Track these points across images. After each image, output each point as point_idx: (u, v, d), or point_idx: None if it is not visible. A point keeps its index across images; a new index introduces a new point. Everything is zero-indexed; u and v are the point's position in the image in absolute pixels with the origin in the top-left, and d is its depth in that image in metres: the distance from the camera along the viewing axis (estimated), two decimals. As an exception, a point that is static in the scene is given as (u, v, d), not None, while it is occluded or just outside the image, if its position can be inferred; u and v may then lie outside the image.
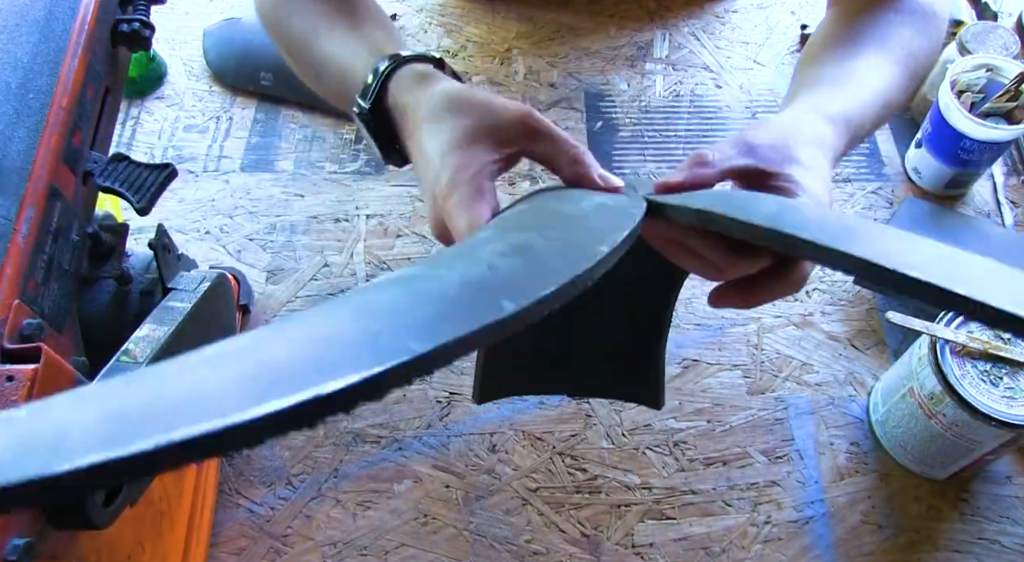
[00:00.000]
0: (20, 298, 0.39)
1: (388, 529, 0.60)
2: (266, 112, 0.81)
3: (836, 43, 0.50)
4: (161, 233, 0.50)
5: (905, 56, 0.49)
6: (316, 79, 0.52)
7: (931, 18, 0.51)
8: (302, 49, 0.51)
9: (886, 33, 0.50)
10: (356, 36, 0.49)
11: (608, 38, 0.87)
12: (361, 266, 0.71)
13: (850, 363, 0.67)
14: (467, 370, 0.66)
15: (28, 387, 0.36)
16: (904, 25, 0.50)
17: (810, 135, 0.41)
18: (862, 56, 0.48)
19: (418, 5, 0.89)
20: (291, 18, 0.52)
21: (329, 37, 0.49)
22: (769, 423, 0.64)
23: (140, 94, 0.82)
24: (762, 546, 0.59)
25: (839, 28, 0.51)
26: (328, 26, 0.50)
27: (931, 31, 0.51)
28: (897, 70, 0.48)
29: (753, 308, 0.40)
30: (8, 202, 0.40)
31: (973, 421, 0.53)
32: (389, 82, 0.44)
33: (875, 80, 0.47)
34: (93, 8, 0.48)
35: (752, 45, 0.87)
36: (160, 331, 0.44)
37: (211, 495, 0.59)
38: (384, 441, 0.63)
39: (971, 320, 0.54)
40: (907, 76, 0.49)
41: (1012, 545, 0.59)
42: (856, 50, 0.49)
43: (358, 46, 0.48)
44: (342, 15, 0.50)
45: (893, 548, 0.59)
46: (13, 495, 0.14)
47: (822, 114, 0.43)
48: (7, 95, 0.43)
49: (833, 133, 0.42)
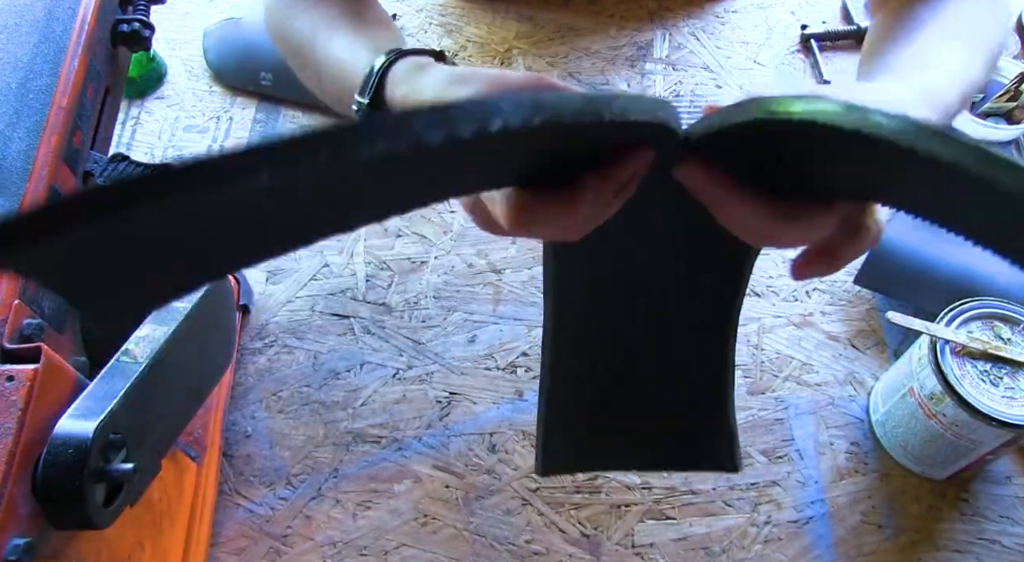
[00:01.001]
0: (20, 298, 0.39)
1: (388, 529, 0.60)
2: (266, 112, 0.81)
3: (903, 31, 0.46)
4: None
5: (980, 36, 0.46)
6: (318, 83, 0.51)
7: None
8: (303, 53, 0.51)
9: (954, 17, 0.46)
10: (357, 37, 0.48)
11: (608, 38, 0.87)
12: (361, 266, 0.71)
13: (850, 363, 0.67)
14: (467, 370, 0.66)
15: (28, 387, 0.36)
16: (969, 6, 0.47)
17: (903, 104, 0.37)
18: (937, 39, 0.45)
19: (418, 5, 0.89)
20: (293, 23, 0.51)
21: (330, 40, 0.49)
22: (769, 423, 0.64)
23: (140, 94, 0.82)
24: (762, 546, 0.59)
25: (898, 20, 0.48)
26: (329, 29, 0.49)
27: (998, 11, 0.48)
28: (974, 50, 0.45)
29: (838, 271, 0.36)
30: (8, 202, 0.40)
31: (973, 421, 0.53)
32: (387, 77, 0.43)
33: (957, 61, 0.43)
34: (93, 8, 0.48)
35: (752, 45, 0.87)
36: (160, 331, 0.44)
37: (211, 495, 0.59)
38: (384, 441, 0.63)
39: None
40: (986, 56, 0.45)
41: (1012, 545, 0.59)
42: (928, 35, 0.45)
43: (359, 46, 0.47)
44: (345, 18, 0.50)
45: (893, 548, 0.59)
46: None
47: (917, 87, 0.39)
48: (7, 95, 0.43)
49: (929, 108, 0.38)
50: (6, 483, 0.34)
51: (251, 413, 0.64)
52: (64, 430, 0.36)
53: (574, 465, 0.55)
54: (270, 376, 0.66)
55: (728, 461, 0.52)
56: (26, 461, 0.35)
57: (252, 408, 0.64)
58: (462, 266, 0.71)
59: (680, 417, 0.53)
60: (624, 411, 0.53)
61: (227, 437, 0.63)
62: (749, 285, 0.71)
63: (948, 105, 0.39)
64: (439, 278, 0.71)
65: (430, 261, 0.72)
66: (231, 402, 0.64)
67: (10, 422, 0.35)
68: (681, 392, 0.53)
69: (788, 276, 0.71)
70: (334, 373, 0.66)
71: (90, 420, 0.37)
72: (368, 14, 0.51)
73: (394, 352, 0.67)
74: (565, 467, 0.54)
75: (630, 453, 0.54)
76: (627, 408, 0.53)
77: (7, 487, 0.34)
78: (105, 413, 0.37)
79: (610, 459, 0.55)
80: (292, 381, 0.66)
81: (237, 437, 0.63)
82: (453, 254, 0.72)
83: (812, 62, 0.85)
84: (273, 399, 0.65)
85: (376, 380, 0.66)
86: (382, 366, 0.66)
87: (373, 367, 0.66)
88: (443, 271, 0.71)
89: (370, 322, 0.68)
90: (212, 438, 0.60)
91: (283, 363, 0.67)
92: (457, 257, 0.72)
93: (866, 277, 0.69)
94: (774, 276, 0.71)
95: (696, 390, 0.53)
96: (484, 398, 0.65)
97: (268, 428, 0.63)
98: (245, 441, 0.63)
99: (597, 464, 0.55)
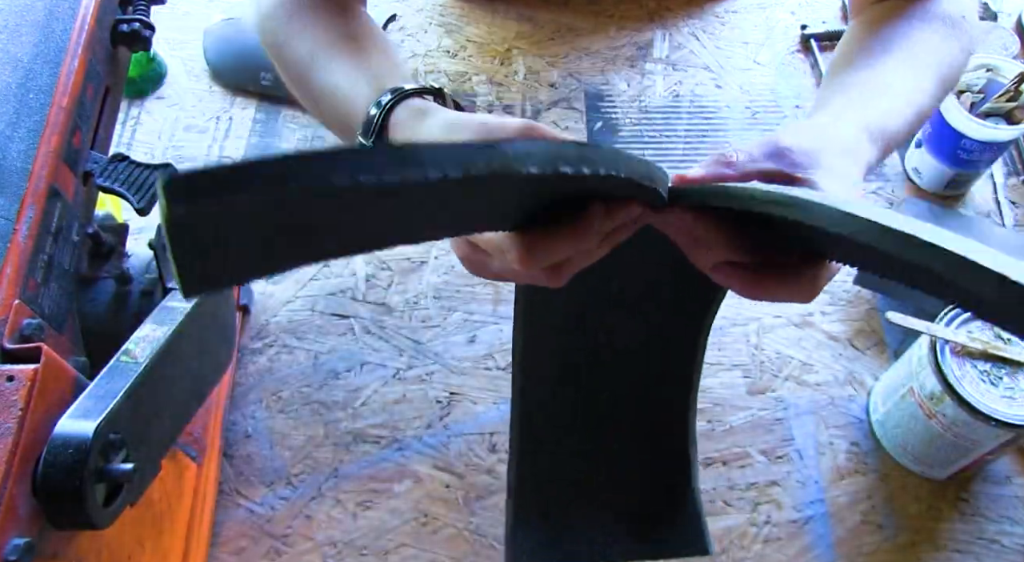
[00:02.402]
0: (20, 298, 0.39)
1: (388, 529, 0.60)
2: (266, 112, 0.81)
3: (864, 52, 0.49)
4: (161, 233, 0.50)
5: (936, 63, 0.48)
6: (315, 106, 0.51)
7: (960, 24, 0.50)
8: (301, 75, 0.50)
9: (916, 40, 0.48)
10: (356, 65, 0.48)
11: (608, 38, 0.87)
12: (361, 266, 0.71)
13: (850, 363, 0.67)
14: (467, 370, 0.66)
15: (28, 387, 0.36)
16: (931, 31, 0.49)
17: (845, 144, 0.40)
18: (893, 65, 0.47)
19: (418, 5, 0.89)
20: (291, 42, 0.51)
21: (328, 66, 0.48)
22: (769, 423, 0.64)
23: (140, 94, 0.82)
24: (762, 546, 0.59)
25: (866, 36, 0.50)
26: (328, 54, 0.49)
27: (960, 36, 0.50)
28: (929, 76, 0.47)
29: (752, 300, 0.39)
30: (8, 202, 0.40)
31: (973, 421, 0.53)
32: (389, 119, 0.44)
33: (908, 88, 0.46)
34: (93, 8, 0.48)
35: (752, 45, 0.87)
36: (160, 331, 0.44)
37: (211, 495, 0.59)
38: (384, 441, 0.63)
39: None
40: (939, 84, 0.48)
41: (1012, 545, 0.59)
42: (886, 58, 0.48)
43: (359, 78, 0.47)
44: (343, 41, 0.50)
45: (893, 548, 0.59)
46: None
47: (857, 123, 0.42)
48: (7, 95, 0.43)
49: (870, 144, 0.41)
50: (6, 483, 0.34)
51: (251, 413, 0.64)
52: (64, 430, 0.36)
53: (542, 558, 0.54)
54: (270, 376, 0.66)
55: (698, 541, 0.53)
56: (26, 461, 0.35)
57: (252, 408, 0.64)
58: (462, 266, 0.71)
59: (646, 499, 0.54)
60: (590, 499, 0.55)
61: (227, 437, 0.63)
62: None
63: (893, 134, 0.43)
64: (439, 278, 0.71)
65: (430, 261, 0.72)
66: (231, 402, 0.64)
67: (10, 422, 0.35)
68: (646, 468, 0.55)
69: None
70: (334, 373, 0.66)
71: (90, 420, 0.37)
72: (366, 39, 0.51)
73: (394, 352, 0.67)
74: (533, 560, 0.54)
75: (597, 544, 0.54)
76: (593, 495, 0.55)
77: (7, 487, 0.34)
78: (105, 413, 0.37)
79: (578, 551, 0.55)
80: (292, 381, 0.66)
81: (237, 437, 0.63)
82: (453, 254, 0.72)
83: (812, 62, 0.85)
84: (273, 399, 0.65)
85: (376, 380, 0.66)
86: (382, 366, 0.66)
87: (373, 367, 0.66)
88: (443, 271, 0.71)
89: (370, 322, 0.68)
90: (212, 438, 0.60)
91: (283, 363, 0.67)
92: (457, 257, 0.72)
93: (866, 277, 0.69)
94: (774, 276, 0.71)
95: (661, 465, 0.54)
96: (484, 398, 0.65)
97: (268, 428, 0.63)
98: (245, 441, 0.63)
99: (565, 557, 0.55)
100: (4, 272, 0.38)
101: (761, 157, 0.38)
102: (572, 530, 0.54)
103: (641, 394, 0.54)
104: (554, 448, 0.54)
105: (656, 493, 0.55)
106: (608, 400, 0.54)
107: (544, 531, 0.54)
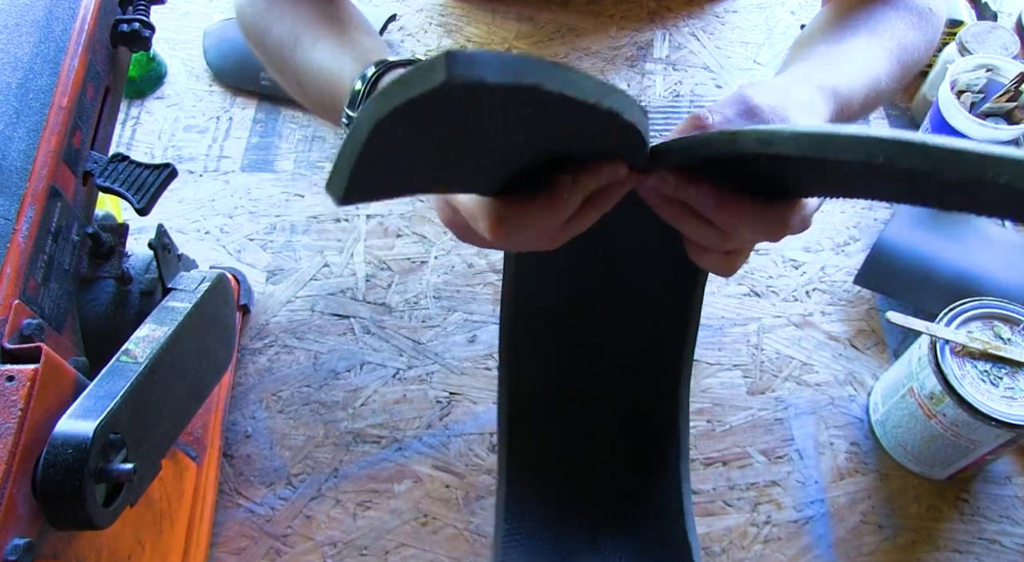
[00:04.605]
0: (20, 298, 0.39)
1: (388, 529, 0.60)
2: (266, 112, 0.81)
3: (828, 29, 0.51)
4: (161, 233, 0.50)
5: (897, 46, 0.49)
6: (298, 87, 0.51)
7: (926, 15, 0.52)
8: (284, 57, 0.50)
9: (879, 21, 0.50)
10: (341, 44, 0.48)
11: (608, 38, 0.87)
12: (361, 266, 0.71)
13: (850, 363, 0.67)
14: (467, 370, 0.66)
15: (28, 387, 0.36)
16: (898, 18, 0.51)
17: (802, 102, 0.42)
18: (853, 40, 0.49)
19: (418, 5, 0.89)
20: (273, 26, 0.51)
21: (313, 46, 0.49)
22: (769, 423, 0.64)
23: (140, 94, 0.82)
24: (762, 546, 0.59)
25: (833, 18, 0.52)
26: (312, 34, 0.49)
27: (925, 27, 0.52)
28: (887, 57, 0.49)
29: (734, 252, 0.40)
30: (8, 202, 0.40)
31: (973, 421, 0.53)
32: (375, 92, 0.44)
33: (865, 61, 0.47)
34: (93, 8, 0.48)
35: (752, 45, 0.87)
36: (160, 331, 0.44)
37: (211, 495, 0.59)
38: (384, 441, 0.63)
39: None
40: (897, 65, 0.49)
41: (1012, 545, 0.59)
42: (848, 35, 0.49)
43: (343, 54, 0.47)
44: (326, 22, 0.50)
45: (893, 548, 0.59)
46: None
47: (812, 84, 0.43)
48: (7, 95, 0.43)
49: (822, 101, 0.43)
50: (6, 483, 0.34)
51: (251, 413, 0.64)
52: (64, 430, 0.36)
53: (534, 540, 0.54)
54: (270, 376, 0.66)
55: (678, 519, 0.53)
56: (26, 461, 0.35)
57: (252, 408, 0.64)
58: (462, 266, 0.71)
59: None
60: (579, 474, 0.55)
61: (227, 437, 0.63)
62: (750, 285, 0.71)
63: (846, 96, 0.44)
64: (439, 278, 0.71)
65: (430, 261, 0.72)
66: (231, 402, 0.64)
67: (10, 422, 0.35)
68: (637, 445, 0.55)
69: (788, 276, 0.71)
70: (334, 373, 0.66)
71: (90, 420, 0.37)
72: (347, 19, 0.51)
73: (394, 352, 0.67)
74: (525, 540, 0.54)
75: (587, 517, 0.54)
76: (583, 470, 0.55)
77: (7, 487, 0.34)
78: (105, 413, 0.37)
79: (569, 529, 0.54)
80: (292, 381, 0.66)
81: (237, 437, 0.63)
82: (453, 254, 0.72)
83: (812, 62, 0.85)
84: (273, 399, 0.65)
85: (376, 380, 0.66)
86: (382, 366, 0.66)
87: (373, 367, 0.66)
88: (443, 271, 0.71)
89: (370, 322, 0.68)
90: (212, 438, 0.60)
91: (283, 363, 0.67)
92: (457, 257, 0.72)
93: (866, 277, 0.69)
94: (774, 276, 0.71)
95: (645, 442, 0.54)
96: (484, 398, 0.65)
97: (268, 428, 0.63)
98: (245, 441, 0.63)
99: (557, 538, 0.54)
100: (4, 272, 0.38)
101: (735, 116, 0.39)
102: (562, 510, 0.54)
103: (631, 366, 0.54)
104: (545, 422, 0.54)
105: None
106: (598, 374, 0.54)
107: (535, 508, 0.54)
